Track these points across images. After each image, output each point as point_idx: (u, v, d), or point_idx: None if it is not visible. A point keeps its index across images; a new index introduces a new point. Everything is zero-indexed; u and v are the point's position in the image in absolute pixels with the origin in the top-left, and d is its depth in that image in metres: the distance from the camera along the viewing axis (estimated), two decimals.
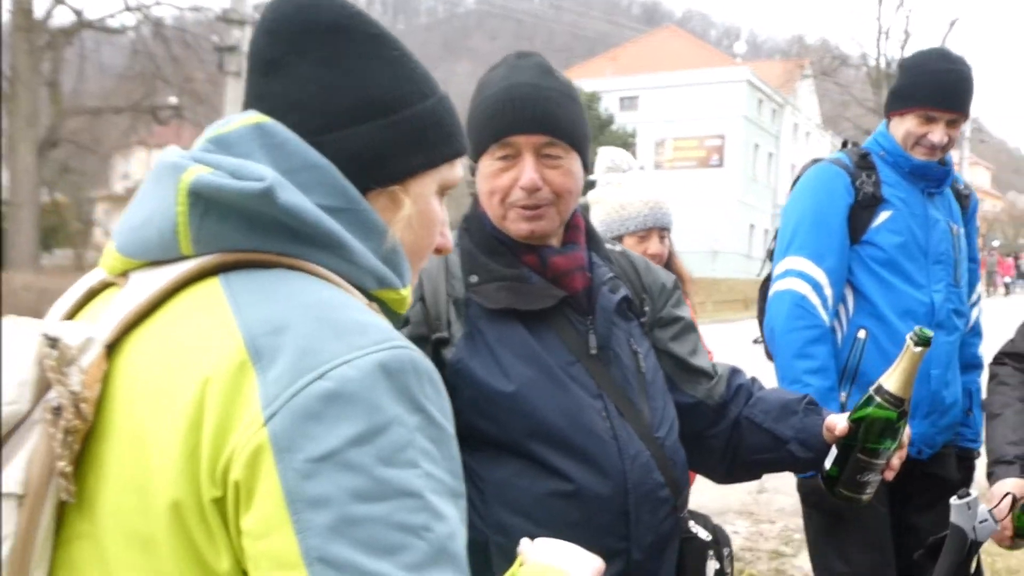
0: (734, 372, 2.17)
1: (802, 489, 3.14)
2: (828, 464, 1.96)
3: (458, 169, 1.28)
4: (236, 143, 1.13)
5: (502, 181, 1.90)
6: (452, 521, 1.01)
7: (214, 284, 1.07)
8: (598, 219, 3.37)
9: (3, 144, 24.99)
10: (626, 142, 39.41)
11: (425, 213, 1.25)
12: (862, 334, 3.10)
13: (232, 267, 1.08)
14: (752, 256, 43.91)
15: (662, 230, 3.30)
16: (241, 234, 1.08)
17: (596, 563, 1.35)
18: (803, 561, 6.21)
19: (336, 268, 1.11)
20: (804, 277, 3.09)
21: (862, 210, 3.14)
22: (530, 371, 1.83)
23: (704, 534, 1.98)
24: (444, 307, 1.89)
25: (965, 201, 3.40)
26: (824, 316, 3.06)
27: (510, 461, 1.82)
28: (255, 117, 1.16)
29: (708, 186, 49.27)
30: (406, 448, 0.98)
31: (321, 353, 0.99)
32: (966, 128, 37.59)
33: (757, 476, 2.22)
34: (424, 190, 1.23)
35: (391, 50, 1.21)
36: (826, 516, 3.14)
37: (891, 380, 1.91)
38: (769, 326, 3.16)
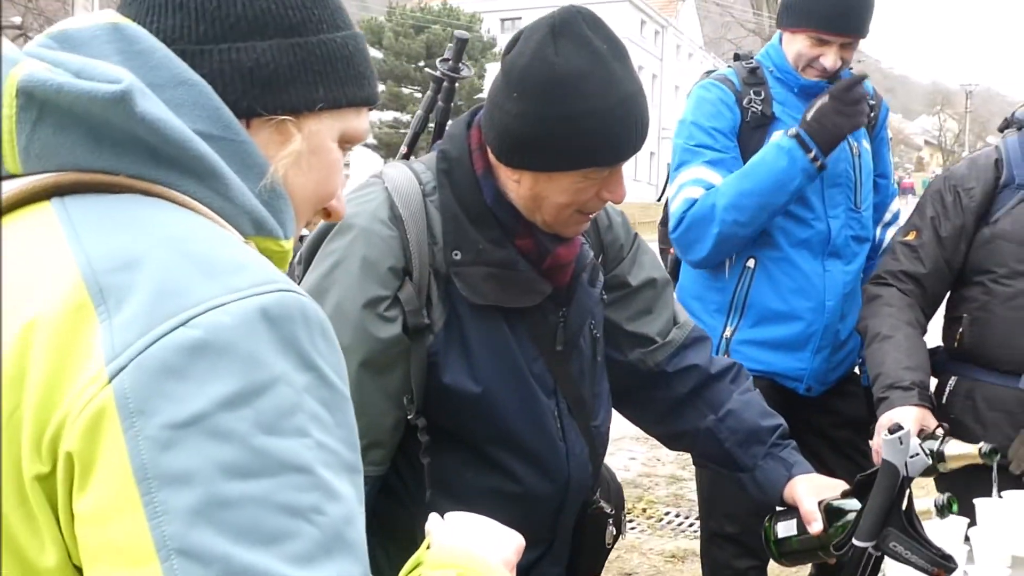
0: (690, 345, 2.06)
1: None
2: (782, 532, 1.97)
3: (364, 121, 1.11)
4: (86, 43, 0.95)
5: (586, 195, 1.71)
6: (348, 501, 0.85)
7: (46, 209, 0.89)
8: None
9: None
10: None
11: (321, 156, 1.06)
12: (751, 263, 2.90)
13: (70, 189, 0.90)
14: (638, 179, 44.10)
15: None
16: (85, 149, 0.89)
17: (515, 541, 1.23)
18: None
19: (205, 201, 0.93)
20: (700, 183, 2.85)
21: (752, 131, 2.90)
22: (498, 371, 1.75)
23: (607, 507, 1.96)
24: (426, 282, 1.72)
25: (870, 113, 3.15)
26: None
27: (457, 450, 1.77)
28: (113, 16, 0.97)
29: None
30: (293, 412, 0.83)
31: (186, 295, 0.82)
32: None
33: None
34: (321, 129, 1.05)
35: None
36: (713, 474, 2.96)
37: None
38: (674, 234, 2.93)
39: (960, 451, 2.28)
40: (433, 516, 1.25)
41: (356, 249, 1.68)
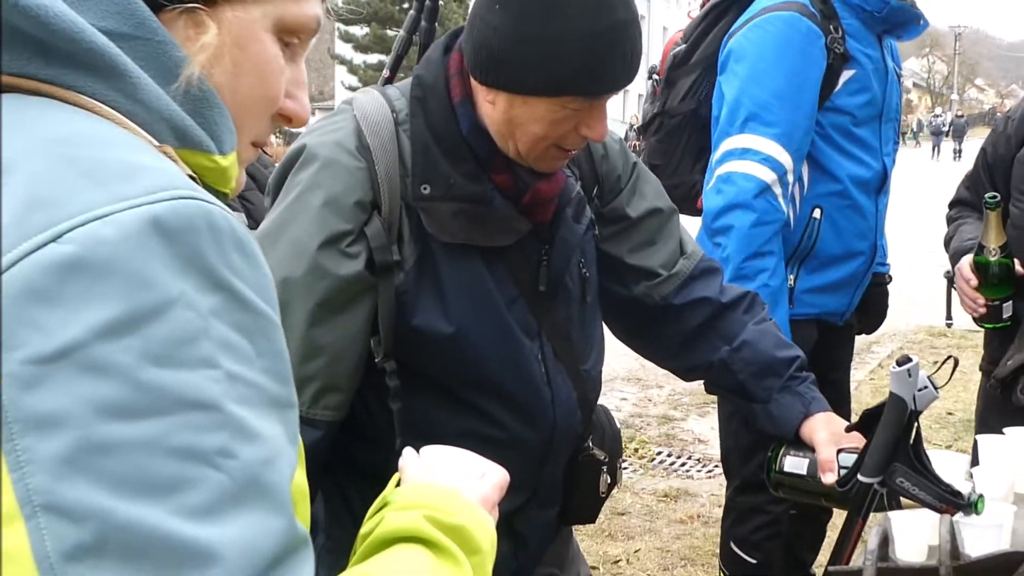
0: (699, 276, 1.95)
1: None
2: (789, 467, 1.91)
3: (310, 4, 0.91)
4: None
5: (563, 128, 1.58)
6: (270, 441, 0.73)
7: None
8: None
9: None
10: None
11: (251, 50, 0.87)
12: (817, 213, 2.77)
13: None
14: (626, 120, 43.87)
15: None
16: None
17: (497, 476, 1.14)
18: (692, 425, 6.19)
19: (111, 103, 0.78)
20: (771, 164, 2.63)
21: (830, 73, 2.68)
22: (473, 312, 1.64)
23: (600, 454, 1.86)
24: (397, 216, 1.60)
25: None
26: (784, 209, 2.68)
27: (430, 391, 1.67)
28: None
29: None
30: (195, 340, 0.70)
31: (62, 205, 0.68)
32: None
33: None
34: (248, 17, 0.86)
35: None
36: (745, 423, 2.93)
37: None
38: (718, 207, 2.67)
39: None
40: (407, 451, 1.15)
41: (319, 181, 1.58)
